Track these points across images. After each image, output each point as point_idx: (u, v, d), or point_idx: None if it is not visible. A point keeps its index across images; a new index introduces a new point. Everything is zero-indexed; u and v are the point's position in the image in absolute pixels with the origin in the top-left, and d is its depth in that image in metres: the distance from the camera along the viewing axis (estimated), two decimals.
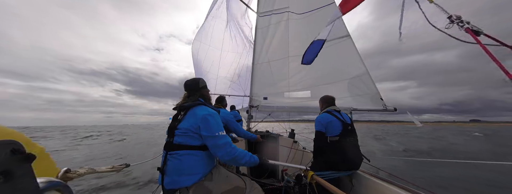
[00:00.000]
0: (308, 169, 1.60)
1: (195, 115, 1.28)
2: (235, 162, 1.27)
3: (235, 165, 1.31)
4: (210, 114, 1.28)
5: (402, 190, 1.54)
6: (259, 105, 4.77)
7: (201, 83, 1.50)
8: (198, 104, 1.36)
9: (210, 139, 1.21)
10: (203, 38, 6.23)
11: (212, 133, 1.21)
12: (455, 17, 0.92)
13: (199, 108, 1.33)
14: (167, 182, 1.20)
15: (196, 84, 1.48)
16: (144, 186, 4.98)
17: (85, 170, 1.15)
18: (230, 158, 1.22)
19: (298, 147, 3.47)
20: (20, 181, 0.48)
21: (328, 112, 2.12)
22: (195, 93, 1.46)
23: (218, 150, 1.21)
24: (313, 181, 1.49)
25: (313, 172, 1.54)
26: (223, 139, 1.23)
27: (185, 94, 1.49)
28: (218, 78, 6.42)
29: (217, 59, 6.29)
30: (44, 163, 0.86)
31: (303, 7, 4.34)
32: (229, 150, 1.23)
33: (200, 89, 1.48)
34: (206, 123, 1.23)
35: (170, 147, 1.24)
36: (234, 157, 1.23)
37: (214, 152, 1.23)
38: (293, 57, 4.41)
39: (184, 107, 1.35)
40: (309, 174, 1.53)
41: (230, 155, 1.22)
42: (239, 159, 1.26)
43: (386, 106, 3.01)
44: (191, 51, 6.61)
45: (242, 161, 1.28)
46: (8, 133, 0.72)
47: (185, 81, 1.50)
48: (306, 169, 1.60)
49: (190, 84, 1.47)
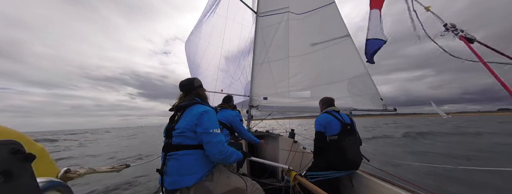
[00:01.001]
0: (291, 168, 1.52)
1: (191, 113, 1.28)
2: (224, 161, 1.29)
3: (224, 163, 1.33)
4: (206, 111, 1.28)
5: (402, 190, 1.54)
6: (259, 105, 4.78)
7: (196, 82, 1.49)
8: (194, 103, 1.36)
9: (204, 136, 1.21)
10: (203, 35, 6.03)
11: (206, 130, 1.21)
12: (450, 25, 0.96)
13: (195, 106, 1.33)
14: (168, 183, 1.20)
15: (191, 84, 1.47)
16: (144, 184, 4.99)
17: (85, 170, 1.14)
18: (222, 156, 1.23)
19: (298, 147, 3.48)
20: (20, 181, 0.47)
21: (328, 112, 2.15)
22: (191, 93, 1.45)
23: (211, 147, 1.21)
24: (295, 182, 1.41)
25: (296, 172, 1.47)
26: (217, 137, 1.23)
27: (181, 95, 1.49)
28: (218, 76, 6.37)
29: (217, 57, 6.21)
30: (44, 163, 0.86)
31: (303, 7, 4.34)
32: (222, 149, 1.23)
33: (195, 88, 1.47)
34: (201, 119, 1.23)
35: (168, 148, 1.24)
36: (226, 156, 1.26)
37: (207, 149, 1.22)
38: (293, 57, 4.42)
39: (180, 107, 1.35)
40: (292, 174, 1.45)
41: (223, 154, 1.23)
42: (229, 157, 1.29)
43: (386, 106, 3.01)
44: (184, 48, 6.36)
45: (231, 159, 1.31)
46: (8, 133, 0.72)
47: (180, 82, 1.49)
48: (288, 169, 1.53)
49: (185, 85, 1.47)
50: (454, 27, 0.94)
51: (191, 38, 6.25)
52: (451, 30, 0.95)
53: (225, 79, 6.51)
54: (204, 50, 6.10)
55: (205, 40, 6.02)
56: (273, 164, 1.69)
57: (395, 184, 1.65)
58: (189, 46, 6.29)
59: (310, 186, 1.21)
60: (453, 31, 0.94)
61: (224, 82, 6.47)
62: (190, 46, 6.23)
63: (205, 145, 1.22)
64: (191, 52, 6.25)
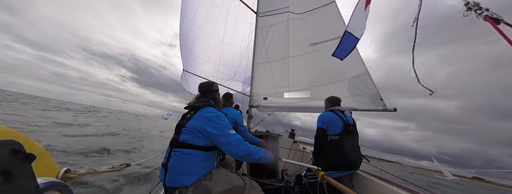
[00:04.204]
0: (319, 169, 1.62)
1: (203, 115, 1.31)
2: (249, 158, 1.27)
3: (250, 161, 1.33)
4: (218, 115, 1.33)
5: (402, 190, 1.54)
6: (259, 105, 4.78)
7: (214, 86, 1.59)
8: (208, 105, 1.41)
9: (221, 137, 1.23)
10: (205, 27, 5.76)
11: (223, 132, 1.25)
12: (472, 3, 0.84)
13: (208, 108, 1.37)
14: (167, 180, 1.22)
15: (210, 87, 1.56)
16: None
17: (85, 170, 1.15)
18: (244, 153, 1.24)
19: (298, 147, 3.47)
20: (21, 181, 0.47)
21: (332, 111, 2.14)
22: (208, 95, 1.53)
23: (231, 147, 1.23)
24: (324, 181, 1.52)
25: (323, 172, 1.56)
26: (234, 136, 1.27)
27: (197, 95, 1.57)
28: (219, 70, 6.31)
29: (218, 50, 6.08)
30: (44, 163, 0.86)
31: (303, 6, 4.33)
32: (242, 146, 1.25)
33: (213, 91, 1.56)
34: (216, 123, 1.27)
35: (175, 144, 1.28)
36: (248, 152, 1.25)
37: (227, 150, 1.24)
38: (293, 57, 4.41)
39: (195, 107, 1.40)
40: (320, 174, 1.55)
41: (244, 151, 1.24)
42: (253, 154, 1.27)
43: (386, 106, 2.99)
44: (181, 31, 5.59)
45: (257, 156, 1.29)
46: (8, 132, 0.72)
47: (200, 83, 1.59)
48: (317, 169, 1.62)
49: (205, 86, 1.56)
50: (478, 5, 0.83)
51: (192, 24, 5.72)
52: (474, 9, 0.83)
53: (223, 73, 6.44)
54: (207, 40, 5.89)
55: (197, 26, 5.70)
56: (304, 165, 1.74)
57: (395, 184, 1.66)
58: (188, 31, 5.74)
59: (339, 186, 1.28)
60: (476, 10, 0.83)
61: (223, 78, 6.44)
62: (183, 30, 5.67)
63: (224, 146, 1.24)
64: (191, 38, 5.81)
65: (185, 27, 5.58)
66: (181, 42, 5.58)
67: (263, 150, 1.36)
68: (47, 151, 0.89)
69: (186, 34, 5.64)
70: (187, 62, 5.67)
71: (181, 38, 5.58)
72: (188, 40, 5.72)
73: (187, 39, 5.69)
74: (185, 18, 5.49)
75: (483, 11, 0.81)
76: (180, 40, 5.59)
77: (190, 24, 5.63)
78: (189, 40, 5.74)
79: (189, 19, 5.59)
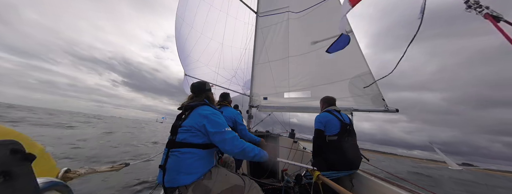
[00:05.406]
0: (315, 169, 1.62)
1: (199, 113, 1.32)
2: (243, 155, 1.29)
3: (244, 158, 1.34)
4: (214, 113, 1.35)
5: (402, 190, 1.54)
6: (259, 105, 4.77)
7: (207, 85, 1.61)
8: (203, 104, 1.42)
9: (217, 135, 1.25)
10: (205, 30, 5.79)
11: (219, 129, 1.26)
12: (473, 1, 0.83)
13: (203, 107, 1.39)
14: (167, 180, 1.22)
15: (203, 86, 1.58)
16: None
17: (85, 170, 1.15)
18: (238, 150, 1.25)
19: (298, 147, 3.47)
20: (20, 181, 0.47)
21: (328, 111, 2.14)
22: (201, 95, 1.54)
23: (226, 144, 1.24)
24: (319, 181, 1.52)
25: (319, 172, 1.56)
26: (230, 134, 1.28)
27: (190, 95, 1.58)
28: (218, 73, 6.32)
29: (218, 53, 6.09)
30: (44, 163, 0.85)
31: (302, 5, 4.31)
32: (237, 143, 1.26)
33: (206, 91, 1.58)
34: (212, 120, 1.28)
35: (172, 144, 1.28)
36: (243, 149, 1.26)
37: (222, 147, 1.26)
38: (293, 57, 4.41)
39: (189, 106, 1.41)
40: (315, 173, 1.56)
41: (239, 148, 1.25)
42: (248, 151, 1.29)
43: (388, 107, 2.95)
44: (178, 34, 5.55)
45: (251, 154, 1.31)
46: (8, 132, 0.72)
47: (192, 83, 1.60)
48: (313, 169, 1.63)
49: (197, 86, 1.57)
50: (478, 3, 0.82)
51: (190, 27, 5.73)
52: (474, 7, 0.82)
53: (223, 76, 6.45)
54: (196, 40, 5.81)
55: (197, 30, 5.73)
56: (298, 165, 1.74)
57: (395, 184, 1.65)
58: (179, 31, 5.69)
59: (334, 186, 1.28)
60: (476, 8, 0.82)
61: (222, 80, 6.44)
62: (181, 34, 5.67)
63: (220, 144, 1.26)
64: (189, 41, 5.79)
65: (184, 32, 5.60)
66: (179, 46, 5.62)
67: (258, 148, 1.37)
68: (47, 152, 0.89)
69: (185, 39, 5.68)
70: (188, 66, 5.74)
71: (179, 43, 5.61)
72: (187, 44, 5.78)
73: (186, 43, 5.75)
74: (183, 22, 5.52)
75: (483, 9, 0.81)
76: (178, 44, 5.62)
77: (189, 28, 5.67)
78: (188, 44, 5.79)
79: (187, 23, 5.63)
